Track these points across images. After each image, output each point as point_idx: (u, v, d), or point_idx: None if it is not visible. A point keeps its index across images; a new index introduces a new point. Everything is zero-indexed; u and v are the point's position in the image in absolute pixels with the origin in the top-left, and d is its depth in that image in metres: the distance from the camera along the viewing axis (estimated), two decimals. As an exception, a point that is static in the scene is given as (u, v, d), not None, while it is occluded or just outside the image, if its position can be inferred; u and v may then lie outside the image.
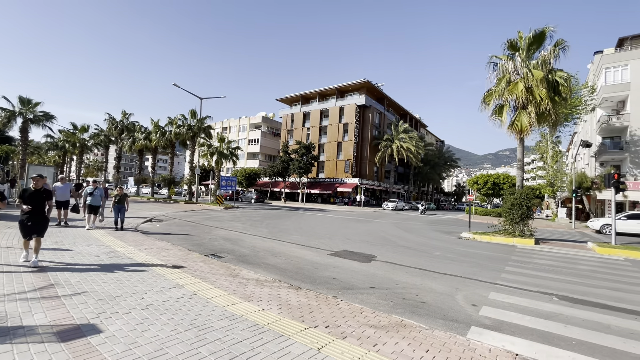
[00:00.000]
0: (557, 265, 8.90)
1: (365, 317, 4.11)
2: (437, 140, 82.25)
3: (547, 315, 4.77)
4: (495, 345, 3.63)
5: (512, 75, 14.62)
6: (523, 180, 15.09)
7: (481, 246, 12.12)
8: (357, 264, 7.71)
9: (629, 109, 28.58)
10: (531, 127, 14.31)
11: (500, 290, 6.00)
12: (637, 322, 4.69)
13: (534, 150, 39.17)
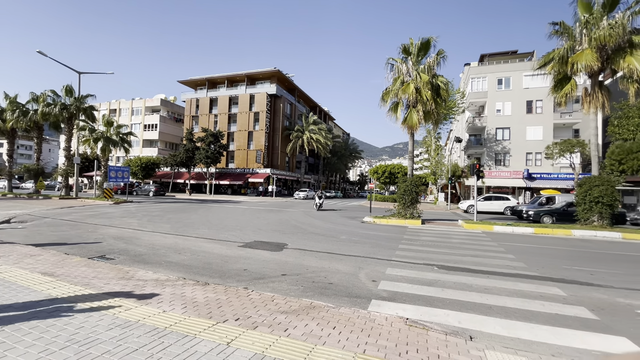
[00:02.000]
0: (437, 241, 10.64)
1: (277, 305, 4.16)
2: (343, 133, 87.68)
3: (429, 283, 5.67)
4: (391, 313, 4.14)
5: (405, 77, 16.55)
6: (413, 170, 17.41)
7: (380, 228, 13.56)
8: (269, 254, 7.72)
9: (486, 112, 35.70)
10: (419, 124, 16.52)
11: (395, 266, 6.85)
12: (489, 280, 5.98)
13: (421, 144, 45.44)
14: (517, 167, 33.62)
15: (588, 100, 16.01)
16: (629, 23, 14.41)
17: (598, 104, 15.63)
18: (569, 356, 3.22)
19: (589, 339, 3.67)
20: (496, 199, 25.75)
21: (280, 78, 52.55)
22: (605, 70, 15.63)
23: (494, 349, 3.20)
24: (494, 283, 5.76)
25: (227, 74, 53.01)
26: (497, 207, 24.81)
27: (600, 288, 5.68)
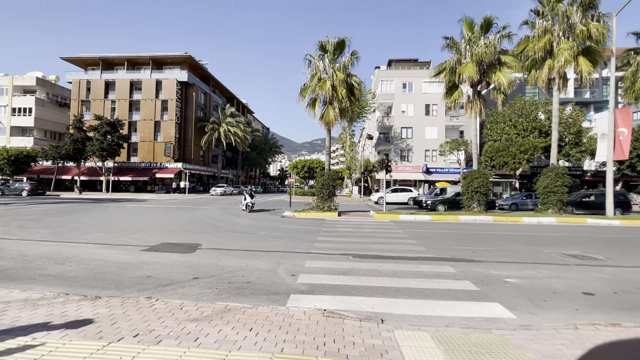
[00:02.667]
0: (352, 231, 11.29)
1: (186, 312, 3.77)
2: (263, 127, 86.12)
3: (345, 272, 5.93)
4: (309, 306, 4.17)
5: (322, 74, 16.99)
6: (330, 165, 18.10)
7: (300, 222, 13.73)
8: (179, 256, 7.02)
9: (393, 113, 39.44)
10: (336, 120, 17.22)
11: (313, 258, 6.97)
12: (397, 264, 6.58)
13: (337, 140, 47.72)
14: (418, 163, 38.13)
15: (470, 106, 19.02)
16: (499, 44, 17.56)
17: (477, 110, 18.71)
18: (459, 325, 3.72)
19: (473, 307, 4.33)
20: (401, 191, 28.79)
21: (192, 65, 48.40)
22: (482, 82, 18.79)
23: (401, 328, 3.49)
24: (401, 267, 6.36)
25: (128, 54, 46.31)
26: (402, 198, 27.73)
27: (479, 263, 6.80)
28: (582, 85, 17.82)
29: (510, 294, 4.92)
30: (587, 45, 17.02)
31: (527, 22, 18.54)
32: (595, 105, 36.22)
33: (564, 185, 16.74)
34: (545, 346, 3.14)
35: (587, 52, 17.10)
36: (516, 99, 30.95)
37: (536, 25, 17.95)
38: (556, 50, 17.01)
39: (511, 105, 30.58)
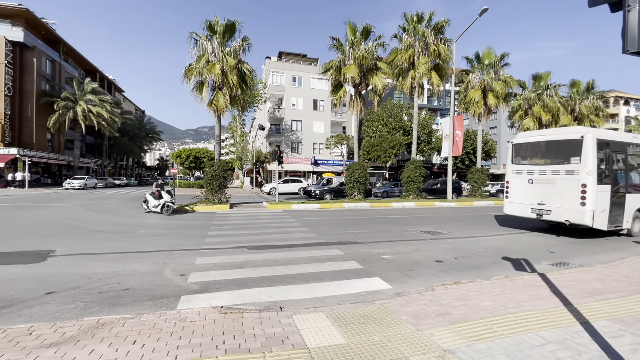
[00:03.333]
0: (246, 223, 11.07)
1: (39, 337, 3.00)
2: (136, 109, 74.12)
3: (241, 265, 5.80)
4: (204, 306, 3.92)
5: (211, 56, 15.78)
6: (220, 155, 17.13)
7: (187, 217, 12.59)
8: (21, 268, 5.47)
9: (284, 105, 40.10)
10: (226, 108, 16.34)
11: (205, 254, 6.54)
12: (291, 252, 6.82)
13: (227, 129, 45.48)
14: (307, 155, 40.04)
15: (352, 104, 21.04)
16: (375, 51, 19.88)
17: (358, 108, 20.86)
18: (349, 301, 4.16)
19: (359, 284, 4.90)
20: (292, 182, 29.77)
21: (32, 22, 37.25)
22: (363, 83, 21.03)
23: (299, 312, 3.66)
24: (296, 254, 6.63)
25: None
26: (293, 189, 28.71)
27: (362, 244, 7.71)
28: (433, 94, 22.06)
29: (387, 268, 5.78)
30: (437, 63, 21.09)
31: (397, 36, 21.61)
32: (441, 112, 45.37)
33: (421, 175, 20.50)
34: (413, 308, 3.83)
35: (437, 68, 21.18)
36: (387, 101, 35.94)
37: (403, 39, 21.12)
38: (417, 63, 20.45)
39: (384, 107, 35.32)
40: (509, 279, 4.95)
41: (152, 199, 13.11)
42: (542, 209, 9.15)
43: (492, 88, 22.37)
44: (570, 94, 27.03)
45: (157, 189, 13.30)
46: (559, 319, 3.55)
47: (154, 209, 13.06)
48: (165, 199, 13.08)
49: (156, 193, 13.19)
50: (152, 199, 13.11)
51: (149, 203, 13.15)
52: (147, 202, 13.22)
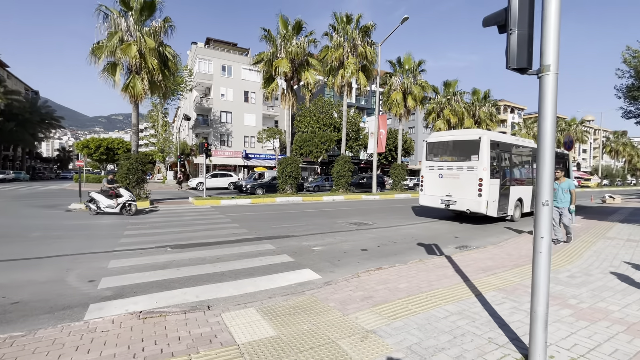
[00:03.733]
0: (169, 220, 10.24)
1: None
2: (27, 90, 61.64)
3: (164, 265, 5.38)
4: (119, 313, 3.55)
5: (126, 35, 14.02)
6: (138, 146, 15.44)
7: (96, 216, 11.08)
8: None
9: (212, 95, 37.90)
10: (145, 94, 14.74)
11: (120, 257, 5.88)
12: (220, 249, 6.57)
13: (146, 118, 41.08)
14: (237, 148, 38.60)
15: (284, 98, 20.99)
16: (307, 47, 20.09)
17: (290, 103, 20.89)
18: (280, 294, 4.21)
19: (290, 276, 4.99)
20: (222, 176, 28.44)
21: None
22: (295, 78, 21.09)
23: (228, 310, 3.58)
24: (225, 251, 6.41)
25: None
26: (222, 183, 27.45)
27: (293, 238, 7.83)
28: (360, 94, 23.30)
29: (317, 259, 5.99)
30: (365, 64, 22.31)
31: (327, 34, 22.18)
32: (367, 111, 48.22)
33: (349, 170, 21.57)
34: (340, 295, 4.07)
35: (364, 69, 22.41)
36: (319, 97, 36.72)
37: (333, 38, 21.78)
38: (346, 63, 21.32)
39: (315, 103, 36.01)
40: (422, 262, 5.60)
41: (103, 198, 11.13)
42: (449, 200, 10.50)
43: (411, 91, 24.62)
44: (472, 101, 31.30)
45: (111, 186, 11.44)
46: (459, 294, 4.16)
47: (108, 209, 11.11)
48: (125, 196, 11.25)
49: (111, 191, 11.31)
50: (104, 199, 11.14)
51: (98, 203, 11.11)
52: (94, 202, 11.16)
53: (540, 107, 2.49)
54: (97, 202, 11.14)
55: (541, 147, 2.48)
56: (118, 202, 11.18)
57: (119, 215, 11.17)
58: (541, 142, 2.48)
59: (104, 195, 11.25)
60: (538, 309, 2.48)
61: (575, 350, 2.81)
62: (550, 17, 2.42)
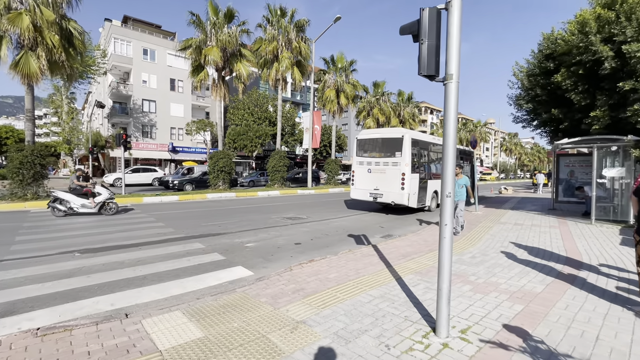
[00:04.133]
0: (77, 222, 8.97)
1: None
2: None
3: (70, 273, 4.73)
4: (9, 332, 3.02)
5: (13, 2, 11.70)
6: (35, 136, 13.12)
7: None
8: None
9: (132, 80, 34.03)
10: (43, 75, 12.55)
11: (10, 267, 4.97)
12: (142, 251, 6.02)
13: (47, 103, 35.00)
14: (163, 140, 35.44)
15: (215, 89, 19.95)
16: (240, 37, 19.35)
17: (221, 94, 19.95)
18: (209, 294, 4.06)
19: (220, 275, 4.83)
20: (144, 171, 25.85)
21: None
22: (227, 68, 20.16)
23: (150, 315, 3.33)
24: (147, 253, 5.89)
25: None
26: (145, 179, 24.98)
27: (225, 235, 7.57)
28: (296, 89, 23.37)
29: (249, 256, 5.91)
30: (299, 59, 22.40)
31: (261, 26, 21.67)
32: (303, 106, 48.65)
33: (285, 165, 21.56)
34: (272, 289, 4.10)
35: (299, 65, 22.51)
36: (253, 90, 35.73)
37: (267, 30, 21.36)
38: (280, 57, 21.14)
39: (250, 95, 34.97)
40: (352, 252, 5.94)
41: (74, 198, 9.76)
42: (377, 193, 11.27)
43: (344, 89, 25.58)
44: (398, 102, 33.87)
45: (83, 183, 10.08)
46: (383, 279, 4.53)
47: (83, 209, 9.79)
48: (104, 194, 10.11)
49: (85, 189, 10.00)
50: (76, 197, 9.78)
51: (69, 203, 9.69)
52: (63, 202, 9.67)
53: (445, 110, 2.85)
54: (67, 202, 9.71)
55: (445, 145, 2.84)
56: (96, 200, 9.96)
57: (11, 218, 9.40)
58: (445, 141, 2.85)
59: (74, 195, 9.89)
60: (443, 287, 2.87)
61: (472, 319, 3.31)
62: (453, 33, 2.77)
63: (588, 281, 4.52)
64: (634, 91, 8.38)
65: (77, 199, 9.85)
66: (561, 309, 3.56)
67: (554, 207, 12.80)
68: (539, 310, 3.51)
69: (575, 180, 12.59)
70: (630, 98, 8.54)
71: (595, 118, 9.42)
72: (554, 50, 10.27)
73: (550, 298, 3.87)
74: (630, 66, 8.33)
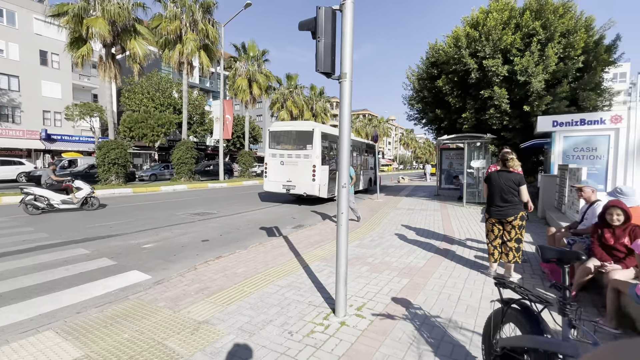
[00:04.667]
0: None
1: None
2: None
3: None
4: None
5: None
6: None
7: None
8: None
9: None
10: None
11: None
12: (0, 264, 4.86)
13: None
14: (32, 126, 28.76)
15: (103, 68, 17.11)
16: (133, 11, 16.93)
17: (112, 74, 17.23)
18: (93, 305, 3.53)
19: (109, 282, 4.26)
20: (5, 164, 20.65)
21: None
22: (118, 45, 17.43)
23: (7, 342, 2.74)
24: (5, 266, 4.78)
25: None
26: (7, 174, 20.01)
27: (118, 237, 6.66)
28: (204, 75, 21.76)
29: (147, 258, 5.35)
30: (207, 43, 20.87)
31: (161, 1, 19.36)
32: (213, 94, 45.65)
33: (193, 157, 20.02)
34: (173, 292, 3.82)
35: (206, 49, 20.97)
36: (153, 72, 31.80)
37: (168, 7, 19.22)
38: (185, 38, 19.32)
39: (149, 78, 31.04)
40: (262, 245, 5.94)
41: (53, 194, 9.39)
42: (289, 185, 11.46)
43: (257, 79, 24.96)
44: (310, 95, 34.77)
45: (62, 179, 10.08)
46: (291, 268, 4.68)
47: (64, 205, 9.50)
48: (86, 189, 9.81)
49: (65, 184, 9.86)
50: (54, 194, 9.42)
51: (49, 200, 9.24)
52: (40, 199, 9.13)
53: (340, 106, 3.06)
54: (45, 198, 9.21)
55: (340, 138, 3.06)
56: (78, 196, 9.66)
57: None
58: (340, 135, 3.06)
59: (51, 190, 9.52)
60: (340, 270, 3.12)
61: (367, 296, 3.70)
62: (347, 34, 2.98)
63: (457, 253, 5.51)
64: (490, 98, 10.44)
65: (57, 195, 9.46)
66: (436, 279, 4.27)
67: (438, 193, 15.11)
68: (420, 282, 4.14)
69: (453, 171, 15.09)
70: (488, 104, 10.62)
71: (465, 119, 11.42)
72: (437, 59, 11.99)
73: (429, 271, 4.60)
74: (488, 78, 10.33)
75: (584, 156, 8.24)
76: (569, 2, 10.29)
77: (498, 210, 4.17)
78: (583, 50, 9.86)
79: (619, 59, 11.05)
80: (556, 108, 9.96)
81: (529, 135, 10.65)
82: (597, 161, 8.10)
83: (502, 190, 4.12)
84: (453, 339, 2.79)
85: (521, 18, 10.32)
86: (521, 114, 10.52)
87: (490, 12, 10.73)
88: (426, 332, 2.90)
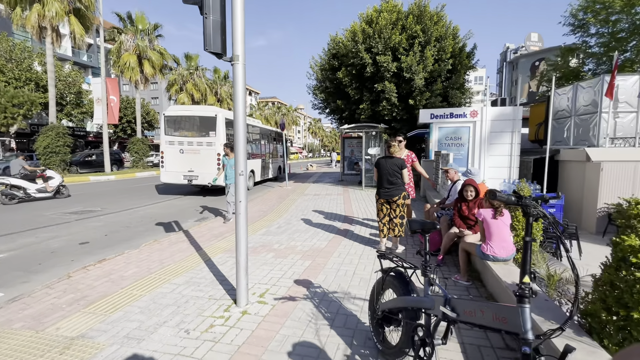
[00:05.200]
0: None
1: None
2: None
3: None
4: None
5: None
6: None
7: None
8: None
9: None
10: None
11: None
12: None
13: None
14: None
15: None
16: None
17: None
18: None
19: None
20: None
21: None
22: None
23: None
24: None
25: None
26: None
27: (-51, 250, 5.11)
28: (77, 46, 18.04)
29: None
30: (78, 7, 17.27)
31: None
32: (93, 70, 38.30)
33: (66, 145, 16.63)
34: (36, 308, 3.17)
35: (78, 14, 17.35)
36: (1, 36, 24.78)
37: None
38: (46, -3, 15.57)
39: (-6, 44, 24.05)
40: (157, 242, 5.39)
41: (28, 184, 9.45)
42: (191, 175, 10.62)
43: (149, 57, 21.97)
44: (214, 79, 32.52)
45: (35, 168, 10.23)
46: (190, 264, 4.39)
47: (39, 194, 9.56)
48: (57, 179, 9.98)
49: (39, 173, 9.88)
50: (29, 183, 9.48)
51: (24, 190, 9.32)
52: (17, 189, 9.24)
53: (234, 90, 2.94)
54: (22, 188, 9.30)
55: (235, 123, 2.95)
56: (51, 185, 9.79)
57: None
58: (235, 119, 2.96)
59: (26, 180, 9.59)
60: (240, 260, 3.08)
61: (270, 282, 3.76)
62: (237, 13, 2.85)
63: (355, 232, 6.05)
64: (382, 92, 11.57)
65: (32, 185, 9.59)
66: (335, 257, 4.61)
67: (342, 179, 16.20)
68: (321, 262, 4.41)
69: (354, 158, 16.33)
70: (381, 97, 11.77)
71: (363, 110, 12.42)
72: (338, 51, 12.61)
73: (330, 251, 4.93)
74: (381, 73, 11.41)
75: (452, 144, 9.95)
76: (440, 11, 12.04)
77: (385, 192, 4.71)
78: (451, 55, 11.73)
79: (476, 64, 13.52)
80: (433, 103, 11.68)
81: (414, 126, 12.24)
82: (462, 148, 9.88)
83: (388, 173, 4.65)
84: (347, 310, 3.08)
85: (406, 21, 11.61)
86: (407, 107, 11.99)
87: (382, 11, 11.75)
88: (324, 307, 3.12)
